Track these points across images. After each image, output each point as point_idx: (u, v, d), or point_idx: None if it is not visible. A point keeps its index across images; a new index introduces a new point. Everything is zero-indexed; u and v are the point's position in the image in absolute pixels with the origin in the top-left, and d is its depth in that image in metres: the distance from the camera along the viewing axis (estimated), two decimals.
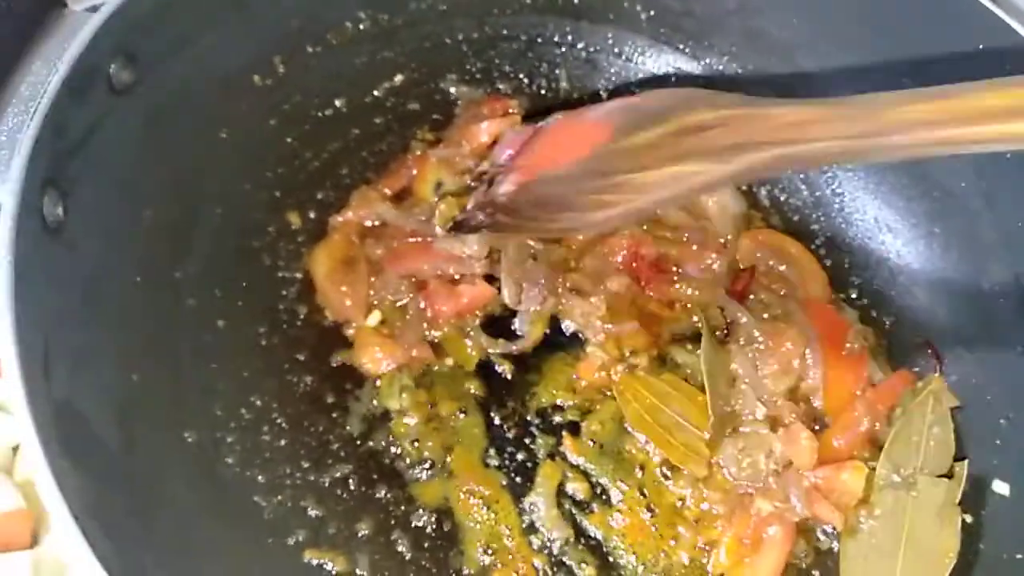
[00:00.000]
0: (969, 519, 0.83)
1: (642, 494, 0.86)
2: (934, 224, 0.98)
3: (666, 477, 0.86)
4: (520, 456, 0.86)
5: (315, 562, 0.77)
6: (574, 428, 0.88)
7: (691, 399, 0.90)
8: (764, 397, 0.89)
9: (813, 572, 0.84)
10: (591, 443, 0.87)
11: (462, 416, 0.87)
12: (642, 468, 0.87)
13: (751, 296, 0.96)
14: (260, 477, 0.79)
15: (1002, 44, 0.83)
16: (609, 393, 0.90)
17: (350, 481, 0.82)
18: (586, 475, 0.86)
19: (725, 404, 0.88)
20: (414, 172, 0.98)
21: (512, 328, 0.92)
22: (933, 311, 0.96)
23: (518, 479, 0.85)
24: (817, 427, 0.89)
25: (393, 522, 0.81)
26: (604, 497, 0.85)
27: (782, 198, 1.05)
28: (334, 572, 0.77)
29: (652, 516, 0.85)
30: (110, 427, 0.68)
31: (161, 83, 0.79)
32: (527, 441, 0.87)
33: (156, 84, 0.78)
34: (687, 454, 0.86)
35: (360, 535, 0.80)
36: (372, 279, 0.92)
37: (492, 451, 0.86)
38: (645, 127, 0.63)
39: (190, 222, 0.85)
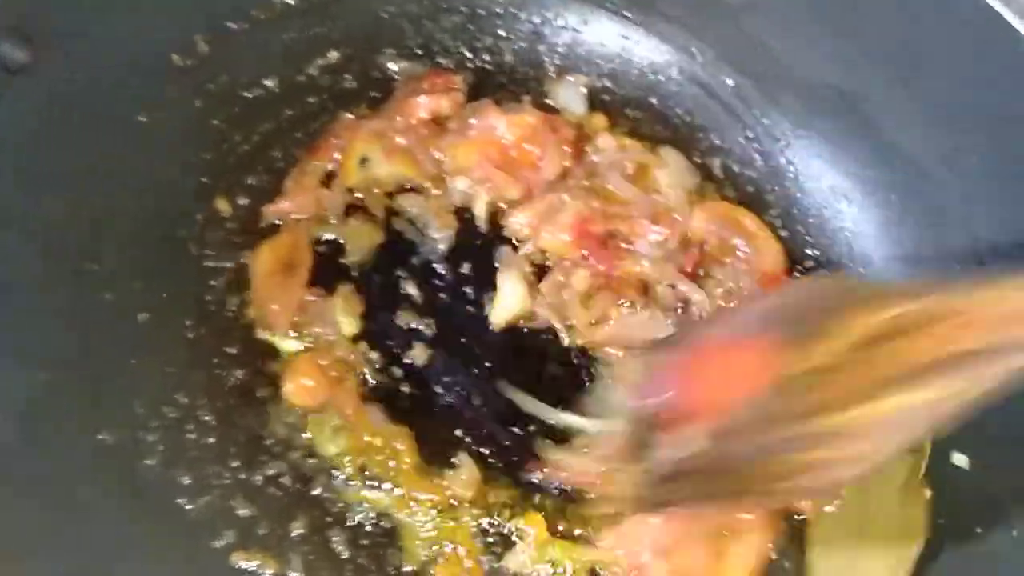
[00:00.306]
0: (928, 494, 0.80)
1: None
2: (891, 191, 0.94)
3: None
4: None
5: (244, 565, 0.73)
6: None
7: None
8: None
9: (784, 563, 0.81)
10: None
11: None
12: None
13: (703, 272, 0.92)
14: (185, 478, 0.75)
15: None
16: None
17: (283, 479, 0.78)
18: None
19: None
20: (342, 145, 0.93)
21: None
22: (890, 276, 0.93)
23: None
24: None
25: (329, 520, 0.77)
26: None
27: (736, 169, 1.01)
28: (264, 575, 0.73)
29: None
30: (8, 428, 0.63)
31: (64, 63, 0.74)
32: None
33: (59, 64, 0.74)
34: None
35: (293, 535, 0.75)
36: (312, 298, 0.86)
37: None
38: (819, 339, 0.49)
39: (105, 211, 0.80)
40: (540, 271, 0.91)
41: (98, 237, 0.80)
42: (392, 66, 1.01)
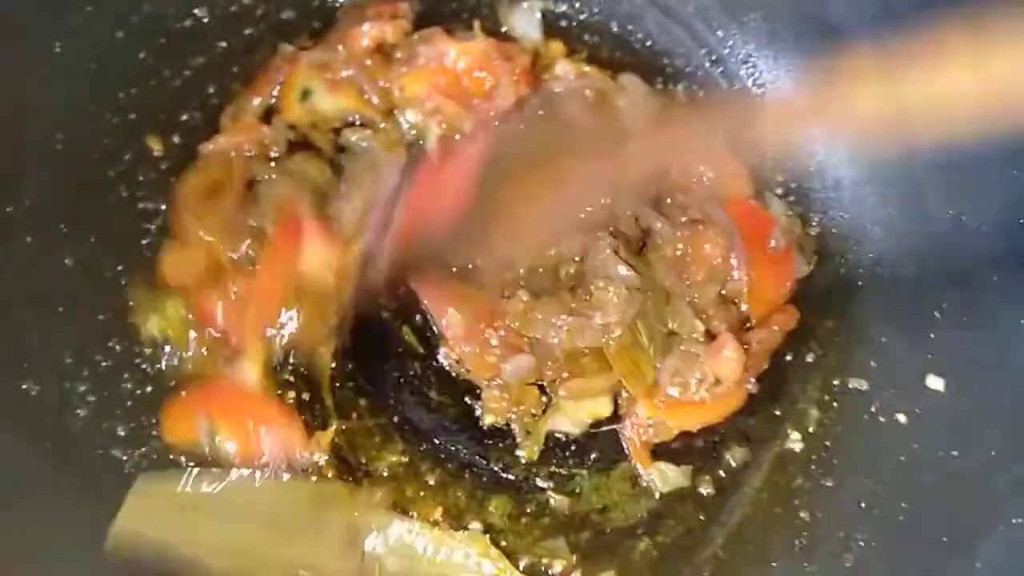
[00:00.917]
0: (903, 419, 0.77)
1: None
2: None
3: None
4: None
5: None
6: None
7: None
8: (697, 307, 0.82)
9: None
10: None
11: None
12: None
13: (668, 200, 0.88)
14: (119, 429, 0.71)
15: None
16: None
17: None
18: None
19: (662, 325, 0.81)
20: (282, 79, 0.87)
21: None
22: (862, 198, 0.89)
23: None
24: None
25: None
26: None
27: (700, 94, 0.96)
28: None
29: None
30: None
31: None
32: None
33: None
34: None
35: None
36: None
37: None
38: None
39: (19, 149, 0.74)
40: None
41: (16, 177, 0.74)
42: None
